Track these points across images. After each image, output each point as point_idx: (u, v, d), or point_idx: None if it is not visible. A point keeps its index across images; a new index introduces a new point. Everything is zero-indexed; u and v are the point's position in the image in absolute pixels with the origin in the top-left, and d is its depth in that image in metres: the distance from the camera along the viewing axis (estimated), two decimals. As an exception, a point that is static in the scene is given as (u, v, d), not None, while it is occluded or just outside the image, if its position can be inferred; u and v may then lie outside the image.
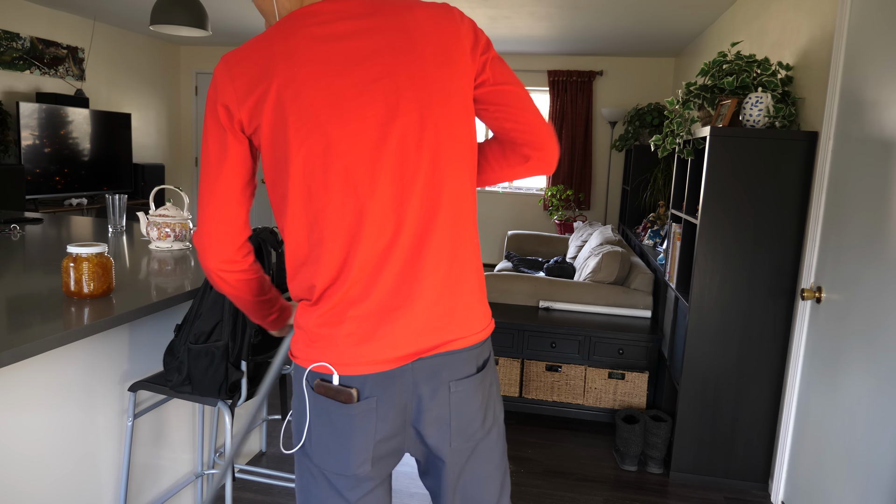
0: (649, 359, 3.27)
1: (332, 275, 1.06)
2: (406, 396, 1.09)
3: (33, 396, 1.67)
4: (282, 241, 1.92)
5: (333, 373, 1.07)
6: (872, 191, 2.03)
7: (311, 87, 1.02)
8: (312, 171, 1.04)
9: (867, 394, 1.97)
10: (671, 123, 3.00)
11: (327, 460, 1.11)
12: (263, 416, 2.97)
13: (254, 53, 1.05)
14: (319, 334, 1.08)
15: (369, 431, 1.08)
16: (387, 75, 1.04)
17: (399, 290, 1.06)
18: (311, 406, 1.11)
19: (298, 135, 1.03)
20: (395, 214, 1.05)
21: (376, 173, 1.04)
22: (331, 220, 1.05)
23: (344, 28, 1.05)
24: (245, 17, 5.61)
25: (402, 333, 1.07)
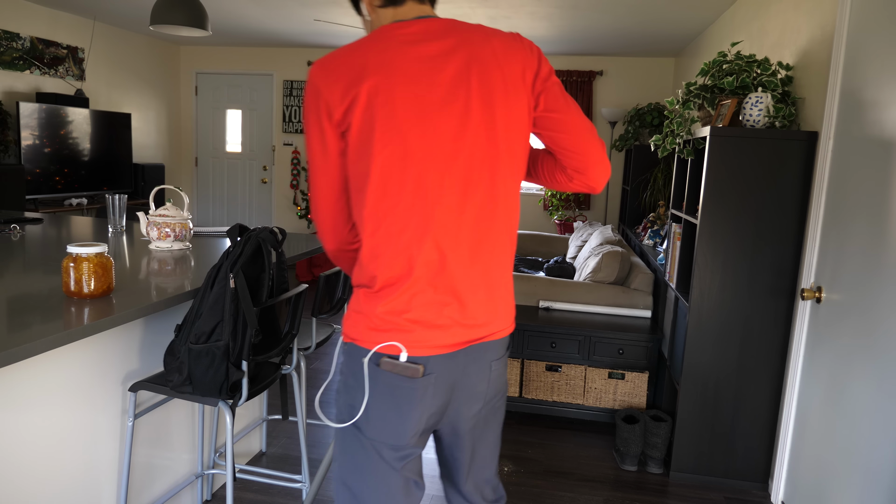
0: (649, 359, 3.27)
1: (396, 269, 1.20)
2: (456, 375, 1.27)
3: (33, 396, 1.67)
4: (281, 241, 1.92)
5: (403, 351, 1.21)
6: (872, 191, 2.03)
7: (399, 96, 1.17)
8: (390, 172, 1.18)
9: (867, 394, 1.97)
10: (671, 123, 3.00)
11: (384, 433, 1.25)
12: (264, 415, 2.97)
13: (349, 59, 1.19)
14: (385, 320, 1.21)
15: (426, 406, 1.25)
16: (463, 96, 1.19)
17: (458, 286, 1.22)
18: (373, 383, 1.23)
19: (383, 137, 1.17)
20: (456, 220, 1.21)
21: (445, 181, 1.19)
22: (399, 218, 1.19)
23: (432, 48, 1.20)
24: (245, 17, 5.61)
25: (459, 326, 1.23)
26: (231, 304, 1.70)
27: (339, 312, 2.60)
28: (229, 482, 1.82)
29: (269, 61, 7.32)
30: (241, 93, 7.46)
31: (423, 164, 1.18)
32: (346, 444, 1.29)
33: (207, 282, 1.73)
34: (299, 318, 2.03)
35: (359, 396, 1.25)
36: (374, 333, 1.22)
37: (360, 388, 1.25)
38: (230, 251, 1.77)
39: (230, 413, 1.77)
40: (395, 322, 1.21)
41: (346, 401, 1.28)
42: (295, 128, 7.33)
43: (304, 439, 2.24)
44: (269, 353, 1.88)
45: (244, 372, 1.76)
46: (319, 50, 7.18)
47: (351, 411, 1.27)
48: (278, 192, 7.50)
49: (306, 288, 2.04)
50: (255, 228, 1.83)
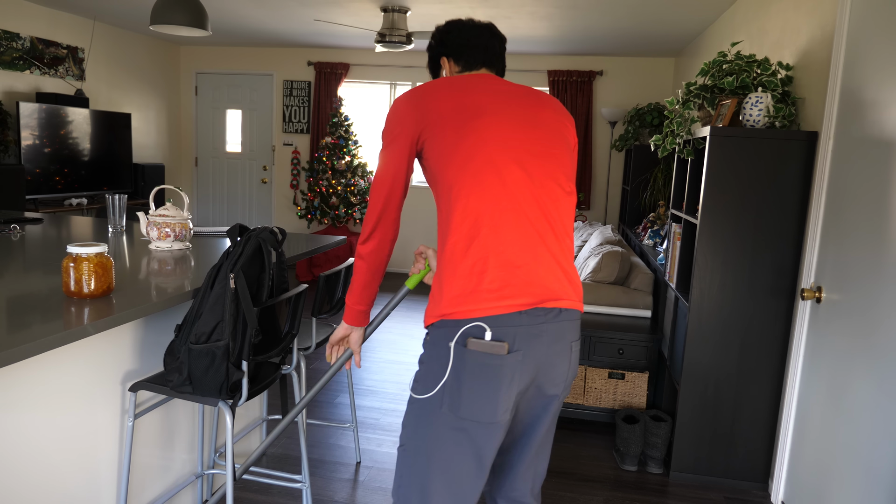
0: (649, 359, 3.27)
1: (486, 241, 1.36)
2: (542, 353, 1.37)
3: (33, 396, 1.67)
4: (281, 241, 1.92)
5: (486, 330, 1.32)
6: (872, 191, 2.03)
7: (506, 122, 1.44)
8: (508, 166, 1.41)
9: (867, 393, 1.97)
10: (671, 123, 3.00)
11: (476, 411, 1.33)
12: (264, 415, 2.97)
13: (446, 89, 1.47)
14: (470, 285, 1.34)
15: (514, 381, 1.34)
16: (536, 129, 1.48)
17: (538, 262, 1.37)
18: (462, 366, 1.33)
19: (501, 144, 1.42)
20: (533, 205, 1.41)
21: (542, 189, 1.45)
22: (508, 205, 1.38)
23: (512, 91, 1.51)
24: (245, 17, 5.61)
25: (536, 290, 1.35)
26: (231, 304, 1.70)
27: (339, 312, 2.60)
28: (229, 482, 1.82)
29: (269, 61, 7.32)
30: (241, 93, 7.46)
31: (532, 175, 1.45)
32: (437, 427, 1.38)
33: (207, 282, 1.73)
34: (299, 318, 2.03)
35: (446, 379, 1.37)
36: (466, 305, 1.36)
37: (452, 372, 1.36)
38: (230, 251, 1.77)
39: (230, 413, 1.77)
40: (477, 282, 1.35)
41: (434, 385, 1.39)
42: (295, 128, 7.33)
43: (304, 439, 2.24)
44: (269, 353, 1.88)
45: (244, 372, 1.76)
46: (319, 50, 7.19)
47: (431, 389, 1.39)
48: (278, 192, 7.50)
49: (306, 288, 2.04)
50: (255, 228, 1.83)
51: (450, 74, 1.64)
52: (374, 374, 4.01)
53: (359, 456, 2.92)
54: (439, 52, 1.68)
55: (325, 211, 6.75)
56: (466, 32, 1.63)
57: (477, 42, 1.63)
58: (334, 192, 6.66)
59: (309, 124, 7.30)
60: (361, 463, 2.88)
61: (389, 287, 6.57)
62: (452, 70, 1.65)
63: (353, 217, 6.76)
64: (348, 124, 6.74)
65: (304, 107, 7.29)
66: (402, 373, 4.06)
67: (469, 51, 1.62)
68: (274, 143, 7.44)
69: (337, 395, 3.64)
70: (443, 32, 1.68)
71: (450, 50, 1.65)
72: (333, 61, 7.12)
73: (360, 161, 6.82)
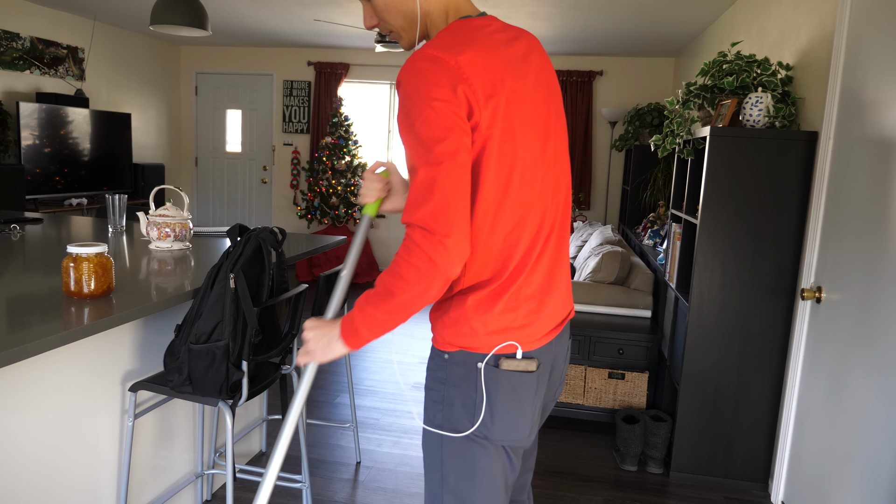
0: (649, 359, 3.27)
1: (518, 268, 1.20)
2: (552, 360, 1.30)
3: (33, 396, 1.67)
4: (281, 241, 1.92)
5: (517, 349, 1.21)
6: (872, 191, 2.03)
7: (526, 103, 1.18)
8: (525, 179, 1.19)
9: (867, 393, 1.97)
10: (671, 123, 3.00)
11: (510, 432, 1.22)
12: (264, 415, 2.97)
13: (485, 58, 1.13)
14: (496, 318, 1.19)
15: (539, 395, 1.26)
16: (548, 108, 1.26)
17: (550, 278, 1.26)
18: (495, 389, 1.20)
19: (524, 143, 1.18)
20: (552, 220, 1.27)
21: (546, 187, 1.25)
22: (526, 224, 1.21)
23: (521, 50, 1.22)
24: (245, 17, 5.61)
25: (553, 312, 1.27)
26: (231, 304, 1.70)
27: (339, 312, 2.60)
28: (229, 482, 1.82)
29: (269, 61, 7.32)
30: (241, 93, 7.46)
31: (543, 166, 1.23)
32: (468, 454, 1.24)
33: (207, 282, 1.73)
34: (299, 318, 2.03)
35: (480, 403, 1.21)
36: (490, 337, 1.20)
37: (480, 394, 1.21)
38: (230, 251, 1.77)
39: (230, 413, 1.77)
40: (510, 320, 1.20)
41: (466, 411, 1.22)
42: (295, 128, 7.33)
43: (303, 439, 2.24)
44: (269, 353, 1.88)
45: (244, 372, 1.76)
46: (319, 50, 7.19)
47: (472, 419, 1.22)
48: (278, 192, 7.50)
49: (306, 288, 2.04)
50: (255, 228, 1.83)
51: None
52: (374, 374, 4.01)
53: (359, 456, 2.92)
54: None
55: (325, 211, 6.75)
56: None
57: None
58: (334, 192, 6.66)
59: (309, 124, 7.30)
60: (361, 463, 2.88)
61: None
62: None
63: (352, 217, 6.76)
64: (348, 124, 6.74)
65: (304, 107, 7.29)
66: (402, 373, 4.06)
67: None
68: (274, 143, 7.44)
69: (337, 395, 3.64)
70: None
71: None
72: (333, 61, 7.12)
73: (360, 161, 6.82)
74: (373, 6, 1.28)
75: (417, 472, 2.83)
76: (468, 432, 1.21)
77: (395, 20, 1.28)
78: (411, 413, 3.45)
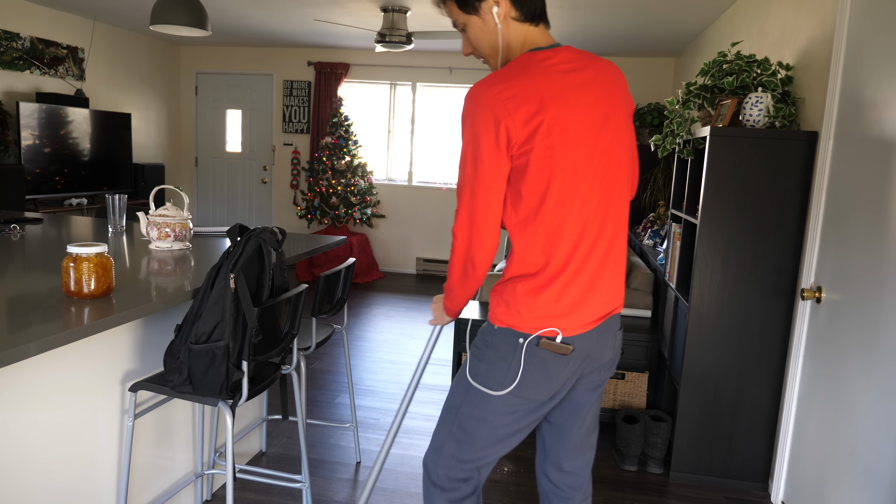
0: (649, 359, 3.27)
1: (558, 265, 1.44)
2: (592, 345, 1.52)
3: (33, 396, 1.67)
4: (281, 241, 1.92)
5: (559, 334, 1.46)
6: (872, 191, 2.03)
7: (569, 125, 1.40)
8: (566, 189, 1.41)
9: (867, 393, 1.97)
10: (671, 123, 3.00)
11: (530, 392, 1.50)
12: (264, 415, 2.97)
13: (525, 89, 1.37)
14: (546, 309, 1.45)
15: (566, 372, 1.51)
16: (604, 128, 1.46)
17: (595, 276, 1.48)
18: (531, 360, 1.48)
19: (563, 160, 1.40)
20: (601, 223, 1.48)
21: (595, 194, 1.46)
22: (568, 228, 1.43)
23: (580, 78, 1.44)
24: (245, 17, 5.61)
25: (596, 306, 1.49)
26: (231, 304, 1.70)
27: (339, 312, 2.60)
28: (229, 482, 1.82)
29: (269, 61, 7.32)
30: (241, 93, 7.46)
31: (585, 182, 1.43)
32: (498, 406, 1.53)
33: (207, 282, 1.73)
34: (299, 318, 2.03)
35: (515, 369, 1.49)
36: (534, 321, 1.46)
37: (517, 363, 1.48)
38: (230, 251, 1.77)
39: (230, 413, 1.77)
40: (552, 308, 1.45)
41: (500, 373, 1.50)
42: (295, 128, 7.34)
43: (303, 439, 2.24)
44: (269, 353, 1.88)
45: (244, 372, 1.76)
46: (319, 50, 7.19)
47: (504, 382, 1.50)
48: (278, 192, 7.50)
49: (306, 288, 2.04)
50: (255, 228, 1.83)
51: (503, 21, 1.48)
52: (374, 374, 4.01)
53: (359, 456, 2.92)
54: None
55: (325, 211, 6.75)
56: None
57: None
58: (334, 192, 6.66)
59: (309, 124, 7.30)
60: (361, 463, 2.88)
61: (389, 287, 6.57)
62: (506, 13, 1.47)
63: (352, 217, 6.76)
64: (348, 124, 6.74)
65: (304, 107, 7.29)
66: (402, 373, 4.06)
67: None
68: (274, 143, 7.44)
69: (337, 395, 3.64)
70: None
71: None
72: (333, 61, 7.12)
73: (360, 161, 6.82)
74: (469, 37, 1.54)
75: (417, 472, 2.83)
76: (496, 392, 1.51)
77: (484, 49, 1.54)
78: (411, 413, 3.45)
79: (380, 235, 7.37)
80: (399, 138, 7.25)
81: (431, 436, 1.79)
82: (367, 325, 5.13)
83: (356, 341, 4.68)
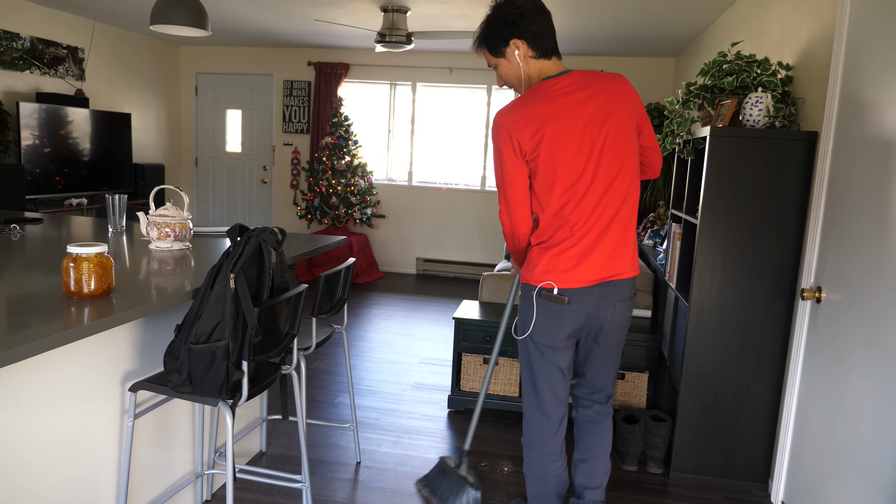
0: (649, 359, 3.27)
1: (562, 235, 1.94)
2: (591, 307, 1.99)
3: (33, 396, 1.67)
4: (281, 241, 1.92)
5: (554, 287, 1.94)
6: (872, 191, 2.03)
7: (566, 136, 1.89)
8: (567, 182, 1.91)
9: (867, 393, 1.97)
10: (671, 123, 3.00)
11: (544, 338, 2.02)
12: (264, 415, 2.97)
13: (529, 113, 1.89)
14: (545, 264, 1.96)
15: (568, 323, 1.99)
16: (602, 132, 1.91)
17: (593, 245, 1.94)
18: (538, 308, 1.99)
19: (563, 162, 1.90)
20: (597, 204, 1.93)
21: (594, 183, 1.93)
22: (570, 209, 1.92)
23: (580, 97, 1.90)
24: (245, 18, 5.61)
25: (593, 268, 1.95)
26: (231, 304, 1.70)
27: (339, 312, 2.60)
28: (229, 482, 1.82)
29: (269, 61, 7.32)
30: (241, 93, 7.46)
31: (583, 172, 1.90)
32: (524, 348, 2.09)
33: (207, 282, 1.73)
34: (299, 318, 2.03)
35: (530, 318, 2.02)
36: (541, 276, 1.96)
37: (531, 313, 2.01)
38: (230, 251, 1.77)
39: (230, 413, 1.77)
40: (553, 267, 1.95)
41: (523, 322, 2.05)
42: (295, 128, 7.34)
43: (303, 439, 2.24)
44: (269, 353, 1.88)
45: (244, 372, 1.76)
46: (319, 50, 7.19)
47: (526, 328, 2.04)
48: (278, 192, 7.50)
49: (306, 288, 2.04)
50: (255, 228, 1.83)
51: (523, 59, 1.96)
52: (374, 374, 4.01)
53: (359, 456, 2.92)
54: (510, 33, 1.93)
55: (325, 211, 6.75)
56: (538, 17, 1.93)
57: (548, 28, 1.96)
58: (334, 192, 6.66)
59: (309, 124, 7.30)
60: (361, 463, 2.88)
61: (389, 287, 6.57)
62: (525, 53, 1.94)
63: (352, 217, 6.76)
64: (348, 124, 6.74)
65: (304, 107, 7.29)
66: (401, 373, 4.06)
67: (544, 37, 1.95)
68: (274, 143, 7.44)
69: (337, 395, 3.64)
70: (514, 15, 1.92)
71: (524, 33, 1.93)
72: (333, 61, 7.12)
73: (360, 161, 6.82)
74: (500, 73, 2.04)
75: (417, 472, 2.83)
76: (520, 336, 2.08)
77: (512, 81, 2.04)
78: (411, 413, 3.46)
79: (380, 235, 7.37)
80: (399, 138, 7.25)
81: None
82: (367, 325, 5.13)
83: (356, 341, 4.68)
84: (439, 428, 3.29)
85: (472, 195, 7.13)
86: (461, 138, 7.11)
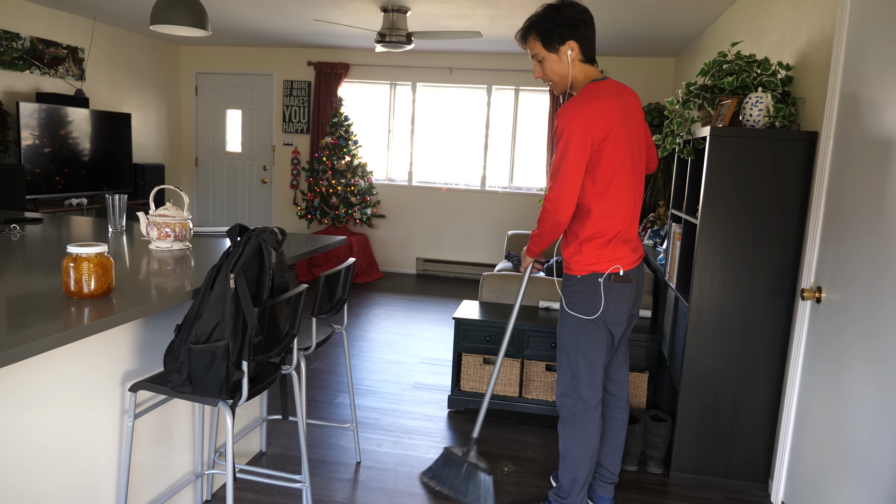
0: (649, 359, 3.27)
1: (615, 225, 2.20)
2: (637, 279, 2.31)
3: (33, 396, 1.67)
4: (281, 241, 1.92)
5: (621, 269, 2.20)
6: (872, 191, 2.03)
7: (622, 133, 2.14)
8: (621, 174, 2.17)
9: (867, 393, 1.97)
10: (671, 123, 3.00)
11: (615, 316, 2.24)
12: (264, 415, 2.97)
13: (600, 107, 2.09)
14: (607, 255, 2.20)
15: (631, 297, 2.28)
16: (636, 132, 2.24)
17: (629, 229, 2.24)
18: (608, 291, 2.21)
19: (619, 154, 2.14)
20: (636, 200, 2.26)
21: (635, 180, 2.24)
22: (623, 201, 2.20)
23: (622, 100, 2.17)
24: (245, 17, 5.61)
25: (632, 250, 2.27)
26: (231, 304, 1.70)
27: (339, 312, 2.60)
28: (229, 482, 1.82)
29: (269, 61, 7.32)
30: (241, 93, 7.46)
31: (630, 165, 2.19)
32: (588, 330, 2.24)
33: (207, 282, 1.73)
34: (299, 318, 2.03)
35: (599, 301, 2.21)
36: (604, 263, 2.19)
37: (600, 296, 2.20)
38: (230, 251, 1.77)
39: (230, 413, 1.77)
40: (613, 254, 2.20)
41: (588, 306, 2.23)
42: (295, 128, 7.34)
43: (303, 439, 2.24)
44: (269, 353, 1.88)
45: (244, 372, 1.76)
46: (319, 50, 7.19)
47: (594, 309, 2.22)
48: (278, 192, 7.50)
49: (306, 288, 2.04)
50: (255, 228, 1.83)
51: (572, 61, 2.16)
52: (374, 374, 4.01)
53: (359, 456, 2.92)
54: (570, 34, 2.13)
55: (325, 211, 6.75)
56: (592, 26, 2.17)
57: (594, 38, 2.20)
58: (334, 192, 6.66)
59: (309, 124, 7.30)
60: (361, 463, 2.88)
61: (389, 287, 6.57)
62: (576, 56, 2.16)
63: (352, 217, 6.76)
64: (348, 124, 6.74)
65: (304, 107, 7.29)
66: (401, 373, 4.06)
67: (592, 44, 2.19)
68: (274, 143, 7.44)
69: (337, 395, 3.64)
70: (577, 19, 2.12)
71: (581, 38, 2.15)
72: (333, 61, 7.12)
73: (360, 161, 6.82)
74: (544, 67, 2.21)
75: (417, 472, 2.83)
76: (593, 317, 2.22)
77: (555, 78, 2.21)
78: (411, 413, 3.46)
79: (380, 235, 7.37)
80: (399, 138, 7.25)
81: (556, 383, 2.36)
82: (367, 325, 5.13)
83: (356, 341, 4.68)
84: (439, 428, 3.29)
85: (472, 195, 7.13)
86: (461, 138, 7.11)
